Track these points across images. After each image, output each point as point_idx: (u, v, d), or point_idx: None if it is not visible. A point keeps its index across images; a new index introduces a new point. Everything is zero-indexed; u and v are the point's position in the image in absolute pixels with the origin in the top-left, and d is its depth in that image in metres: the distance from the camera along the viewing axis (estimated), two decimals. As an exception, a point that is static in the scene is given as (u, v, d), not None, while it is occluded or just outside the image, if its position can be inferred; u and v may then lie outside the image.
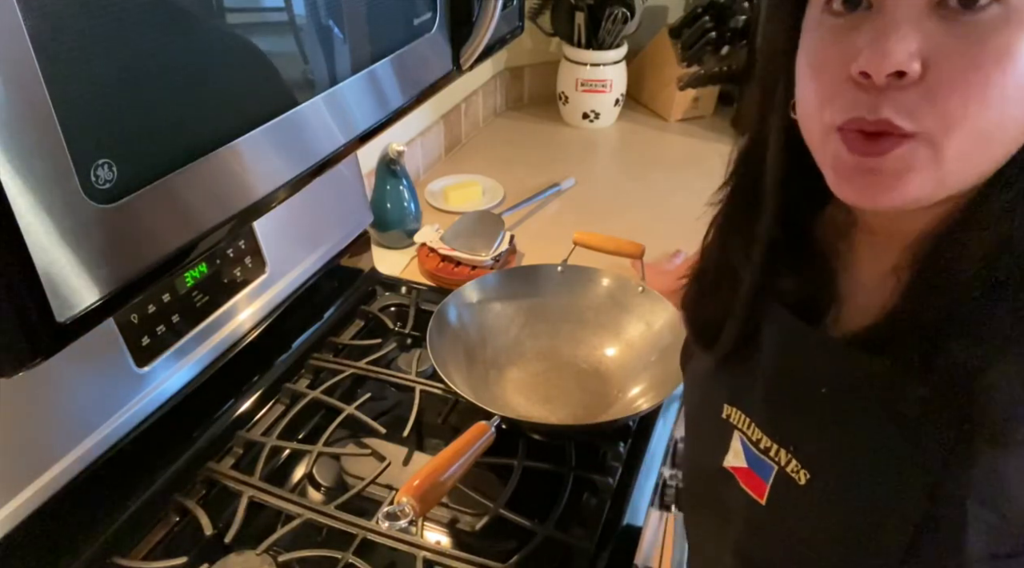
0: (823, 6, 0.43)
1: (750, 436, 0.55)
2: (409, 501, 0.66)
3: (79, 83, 0.37)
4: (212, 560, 0.71)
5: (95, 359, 0.71)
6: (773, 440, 0.53)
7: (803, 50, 0.45)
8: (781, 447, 0.52)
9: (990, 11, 0.38)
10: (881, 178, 0.41)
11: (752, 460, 0.55)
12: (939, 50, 0.38)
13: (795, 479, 0.51)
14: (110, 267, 0.42)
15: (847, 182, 0.43)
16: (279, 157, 0.55)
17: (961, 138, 0.39)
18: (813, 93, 0.43)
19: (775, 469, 0.53)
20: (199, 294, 0.82)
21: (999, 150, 0.41)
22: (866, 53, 0.39)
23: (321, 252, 1.04)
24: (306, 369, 0.96)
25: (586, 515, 0.79)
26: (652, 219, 1.39)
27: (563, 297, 1.01)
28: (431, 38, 0.71)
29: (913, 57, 0.38)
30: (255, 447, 0.84)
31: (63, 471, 0.68)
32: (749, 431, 0.55)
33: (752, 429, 0.55)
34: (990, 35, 0.38)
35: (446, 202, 1.46)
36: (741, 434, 0.56)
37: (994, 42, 0.38)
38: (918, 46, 0.38)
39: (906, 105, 0.39)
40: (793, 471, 0.52)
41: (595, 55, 1.74)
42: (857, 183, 0.42)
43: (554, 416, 0.90)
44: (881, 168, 0.41)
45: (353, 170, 1.09)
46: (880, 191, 0.42)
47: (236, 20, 0.48)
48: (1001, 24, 0.37)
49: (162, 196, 0.44)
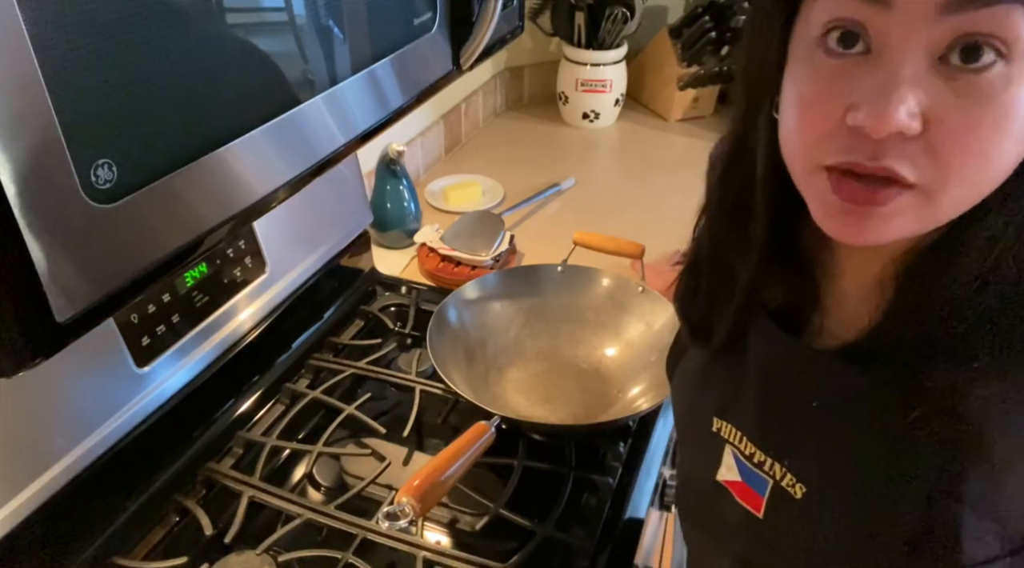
0: (816, 39, 0.40)
1: (742, 450, 0.54)
2: (409, 501, 0.66)
3: (79, 83, 0.37)
4: (212, 560, 0.71)
5: (95, 359, 0.71)
6: (767, 454, 0.52)
7: (792, 79, 0.43)
8: (775, 461, 0.52)
9: (994, 70, 0.36)
10: (868, 220, 0.40)
11: (746, 474, 0.54)
12: (940, 108, 0.37)
13: (791, 493, 0.51)
14: (110, 267, 0.42)
15: (831, 218, 0.42)
16: (279, 157, 0.55)
17: (956, 189, 0.39)
18: (801, 129, 0.42)
19: (770, 483, 0.52)
20: (199, 294, 0.82)
21: (987, 190, 0.40)
22: (866, 110, 0.38)
23: (321, 252, 1.04)
24: (306, 369, 0.96)
25: (586, 515, 0.79)
26: (652, 219, 1.38)
27: (563, 297, 1.01)
28: (431, 38, 0.71)
29: (914, 117, 0.37)
30: (255, 447, 0.84)
31: (63, 471, 0.68)
32: (741, 445, 0.55)
33: (744, 443, 0.54)
34: (991, 96, 0.37)
35: (446, 202, 1.46)
36: (733, 448, 0.55)
37: (996, 102, 0.37)
38: (919, 103, 0.37)
39: (908, 156, 0.38)
40: (788, 485, 0.51)
41: (595, 55, 1.74)
42: (841, 220, 0.42)
43: (554, 416, 0.90)
44: (871, 213, 0.40)
45: (353, 170, 1.09)
46: (864, 231, 0.41)
47: (236, 20, 0.48)
48: (1002, 84, 0.36)
49: (162, 196, 0.44)
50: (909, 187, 0.39)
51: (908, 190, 0.39)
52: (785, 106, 0.43)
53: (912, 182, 0.39)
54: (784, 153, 0.44)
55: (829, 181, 0.41)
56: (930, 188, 0.39)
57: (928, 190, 0.39)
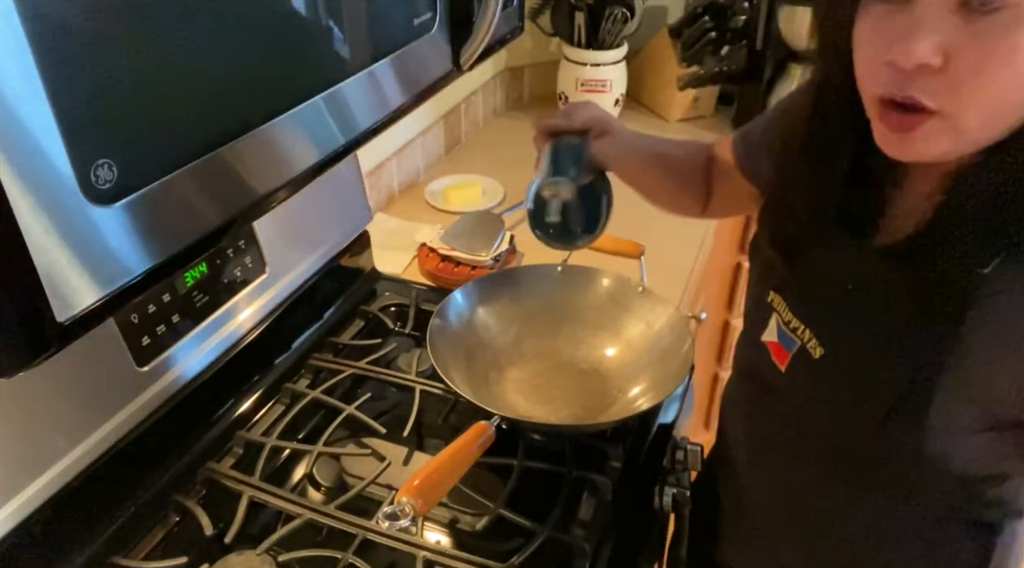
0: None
1: (783, 317, 0.68)
2: (409, 501, 0.66)
3: (78, 84, 0.37)
4: (212, 560, 0.71)
5: (95, 359, 0.71)
6: (801, 321, 0.66)
7: (856, 25, 0.53)
8: (807, 327, 0.65)
9: (1004, 12, 0.45)
10: (905, 142, 0.51)
11: (782, 336, 0.68)
12: (959, 45, 0.46)
13: (812, 353, 0.64)
14: (110, 267, 0.42)
15: (882, 141, 0.53)
16: (279, 157, 0.55)
17: (974, 115, 0.48)
18: (859, 66, 0.53)
19: (798, 344, 0.66)
20: (199, 294, 0.82)
21: (1012, 118, 0.49)
22: (896, 47, 0.47)
23: (321, 252, 1.04)
24: (306, 369, 0.96)
25: (586, 515, 0.79)
26: (652, 219, 1.38)
27: (563, 297, 1.01)
28: (431, 38, 0.71)
29: (936, 53, 0.46)
30: (255, 447, 0.84)
31: (63, 471, 0.68)
32: (784, 314, 0.68)
33: (786, 312, 0.68)
34: (1002, 34, 0.45)
35: (446, 202, 1.46)
36: (777, 315, 0.69)
37: (1005, 39, 0.45)
38: (940, 41, 0.46)
39: (930, 88, 0.48)
40: (812, 347, 0.64)
41: (595, 55, 1.74)
42: (892, 141, 0.53)
43: (554, 416, 0.90)
44: (906, 137, 0.51)
45: (353, 170, 1.09)
46: (904, 150, 0.52)
47: (236, 21, 0.48)
48: (1013, 25, 0.45)
49: (162, 196, 0.44)
50: (932, 114, 0.49)
51: (932, 117, 0.49)
52: (854, 44, 0.53)
53: (934, 109, 0.48)
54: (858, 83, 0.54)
55: (878, 111, 0.52)
56: (951, 114, 0.48)
57: (949, 116, 0.48)
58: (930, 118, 0.49)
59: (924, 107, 0.48)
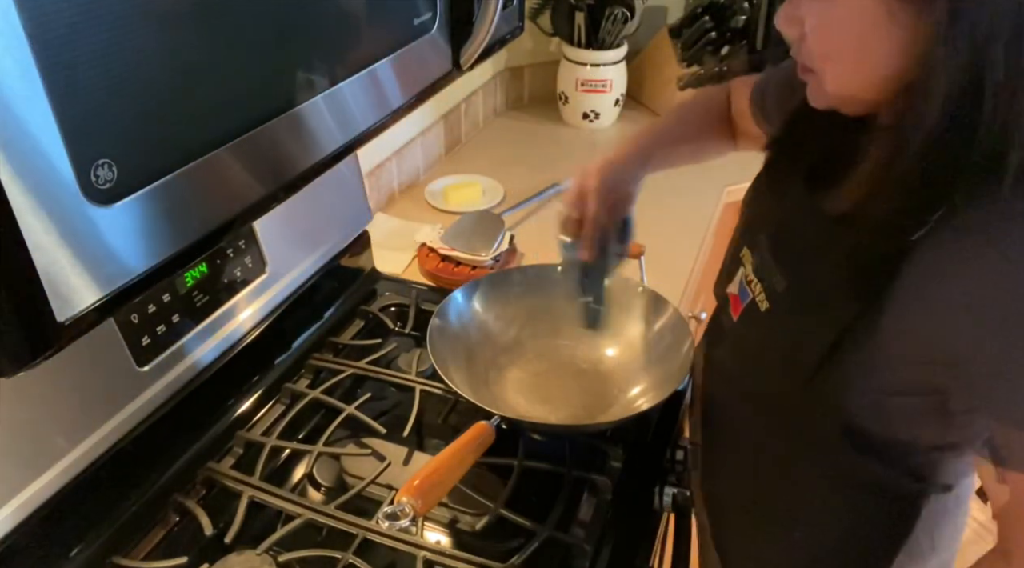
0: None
1: (746, 271, 0.74)
2: (409, 501, 0.66)
3: (78, 84, 0.37)
4: (212, 560, 0.71)
5: (95, 359, 0.71)
6: (756, 276, 0.72)
7: None
8: (759, 282, 0.71)
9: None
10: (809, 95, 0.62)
11: (741, 289, 0.74)
12: (811, 16, 0.57)
13: (759, 307, 0.70)
14: (110, 267, 0.42)
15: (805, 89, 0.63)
16: (279, 157, 0.55)
17: (830, 70, 0.58)
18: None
19: (750, 297, 0.72)
20: (199, 294, 0.82)
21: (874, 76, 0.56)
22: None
23: (321, 252, 1.04)
24: (306, 369, 0.96)
25: (586, 515, 0.79)
26: (652, 219, 1.38)
27: (563, 297, 1.01)
28: (431, 38, 0.71)
29: (788, 23, 0.59)
30: (255, 447, 0.84)
31: (63, 471, 0.69)
32: (747, 268, 0.74)
33: (749, 266, 0.73)
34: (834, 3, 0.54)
35: (446, 202, 1.46)
36: (743, 269, 0.74)
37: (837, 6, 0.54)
38: (793, 13, 0.58)
39: (803, 52, 0.59)
40: (760, 301, 0.70)
41: (595, 55, 1.75)
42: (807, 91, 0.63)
43: (554, 416, 0.90)
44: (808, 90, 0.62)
45: (353, 170, 1.09)
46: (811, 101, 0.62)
47: (236, 20, 0.48)
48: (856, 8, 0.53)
49: (162, 196, 0.44)
50: (810, 71, 0.60)
51: (809, 73, 0.60)
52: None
53: (811, 69, 0.59)
54: None
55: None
56: (816, 69, 0.59)
57: (816, 71, 0.59)
58: (808, 74, 0.60)
59: (803, 66, 0.60)
